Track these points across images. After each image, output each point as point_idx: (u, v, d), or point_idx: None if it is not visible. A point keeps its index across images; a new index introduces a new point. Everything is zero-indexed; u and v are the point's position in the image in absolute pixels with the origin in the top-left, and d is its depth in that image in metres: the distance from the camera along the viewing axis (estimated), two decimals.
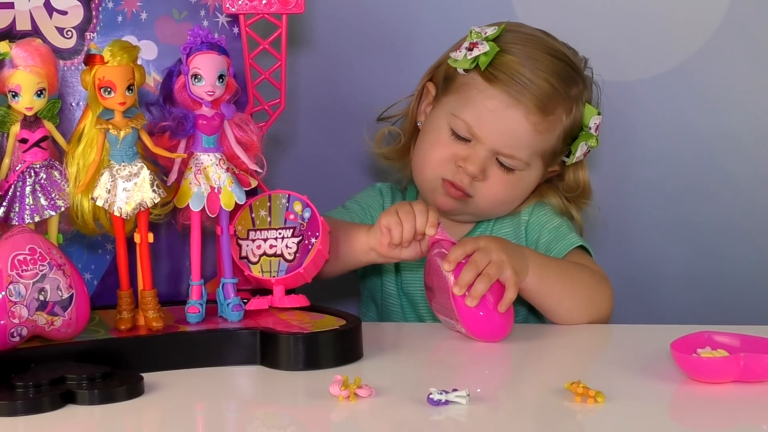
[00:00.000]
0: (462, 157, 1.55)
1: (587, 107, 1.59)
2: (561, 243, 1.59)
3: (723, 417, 1.17)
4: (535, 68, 1.54)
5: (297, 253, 1.43)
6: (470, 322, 1.40)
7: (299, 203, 1.45)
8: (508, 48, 1.56)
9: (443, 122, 1.57)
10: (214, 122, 1.38)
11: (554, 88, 1.54)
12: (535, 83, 1.53)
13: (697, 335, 1.30)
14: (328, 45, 1.82)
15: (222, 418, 1.23)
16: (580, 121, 1.59)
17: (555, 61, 1.56)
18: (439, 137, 1.58)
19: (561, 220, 1.62)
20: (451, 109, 1.57)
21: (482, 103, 1.54)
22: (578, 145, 1.59)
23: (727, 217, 1.83)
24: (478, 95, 1.55)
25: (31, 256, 1.29)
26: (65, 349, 1.31)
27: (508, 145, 1.54)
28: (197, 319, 1.39)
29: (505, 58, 1.55)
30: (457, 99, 1.57)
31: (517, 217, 1.63)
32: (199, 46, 1.37)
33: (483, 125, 1.54)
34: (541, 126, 1.54)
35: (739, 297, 1.84)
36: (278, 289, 1.44)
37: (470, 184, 1.56)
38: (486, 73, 1.54)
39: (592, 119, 1.59)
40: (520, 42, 1.57)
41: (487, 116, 1.54)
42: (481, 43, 1.55)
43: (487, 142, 1.54)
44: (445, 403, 1.19)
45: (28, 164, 1.36)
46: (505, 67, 1.54)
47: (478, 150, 1.54)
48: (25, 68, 1.34)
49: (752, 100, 1.80)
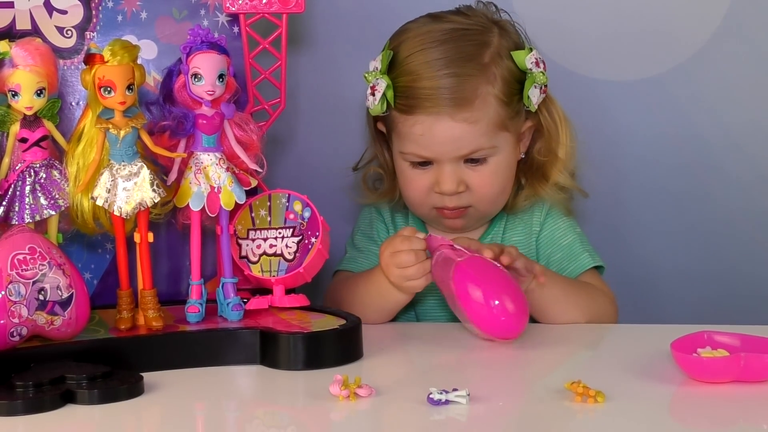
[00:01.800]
0: (435, 182, 1.54)
1: (514, 54, 1.54)
2: (574, 263, 1.58)
3: (723, 417, 1.17)
4: (432, 73, 1.51)
5: (297, 253, 1.43)
6: (480, 320, 1.38)
7: (299, 203, 1.45)
8: (400, 70, 1.53)
9: (400, 161, 1.57)
10: (214, 122, 1.38)
11: (460, 76, 1.51)
12: (439, 87, 1.50)
13: (697, 335, 1.30)
14: (328, 45, 1.82)
15: (222, 418, 1.23)
16: (516, 72, 1.54)
17: (448, 47, 1.52)
18: (406, 176, 1.57)
19: (575, 235, 1.61)
20: (398, 147, 1.57)
21: (411, 132, 1.53)
22: (529, 92, 1.54)
23: (726, 217, 1.83)
24: (404, 127, 1.54)
25: (31, 256, 1.29)
26: (65, 348, 1.31)
27: (459, 148, 1.52)
28: (197, 318, 1.39)
29: (402, 81, 1.53)
30: (395, 137, 1.57)
31: (529, 225, 1.62)
32: (199, 45, 1.37)
33: (426, 148, 1.53)
34: (473, 115, 1.51)
35: (739, 297, 1.84)
36: (278, 288, 1.44)
37: (459, 198, 1.55)
38: (398, 107, 1.53)
39: (527, 60, 1.54)
40: (409, 54, 1.53)
41: (422, 140, 1.52)
42: (377, 81, 1.54)
43: (441, 158, 1.53)
44: (445, 403, 1.18)
45: (28, 164, 1.36)
46: (407, 91, 1.52)
47: (442, 168, 1.54)
48: (25, 67, 1.34)
49: (752, 100, 1.80)
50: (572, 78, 1.79)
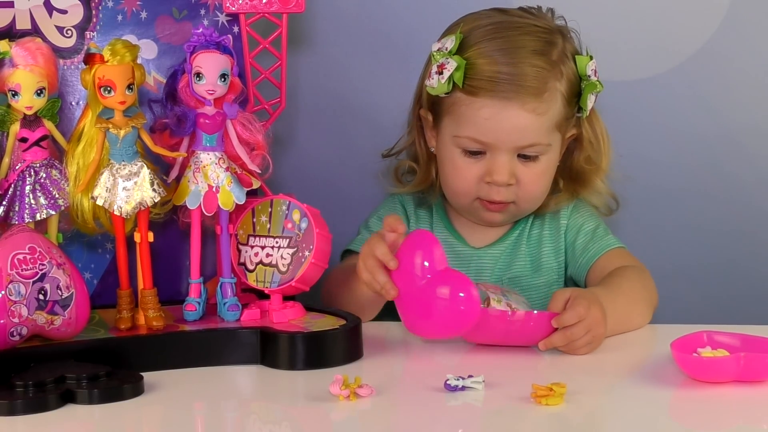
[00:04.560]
0: (486, 172, 1.54)
1: (578, 59, 1.56)
2: (598, 244, 1.59)
3: (723, 417, 1.17)
4: (509, 59, 1.52)
5: (290, 265, 1.41)
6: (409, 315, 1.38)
7: (298, 212, 1.42)
8: (475, 52, 1.53)
9: (451, 147, 1.56)
10: (215, 121, 1.38)
11: (536, 66, 1.52)
12: (515, 74, 1.51)
13: (697, 335, 1.30)
14: (328, 45, 1.82)
15: (222, 418, 1.23)
16: (577, 75, 1.56)
17: (525, 39, 1.54)
18: (455, 164, 1.56)
19: (598, 222, 1.62)
20: (451, 132, 1.55)
21: (476, 115, 1.52)
22: (587, 98, 1.56)
23: (726, 217, 1.83)
24: (469, 110, 1.53)
25: (31, 255, 1.29)
26: (65, 348, 1.31)
27: (521, 138, 1.52)
28: (194, 317, 1.39)
29: (477, 64, 1.52)
30: (452, 120, 1.55)
31: (557, 220, 1.62)
32: (202, 44, 1.37)
33: (488, 133, 1.52)
34: (541, 107, 1.52)
35: (739, 297, 1.84)
36: (275, 296, 1.42)
37: (506, 192, 1.55)
38: (466, 88, 1.52)
39: (587, 67, 1.56)
40: (483, 39, 1.54)
41: (486, 125, 1.52)
42: (447, 61, 1.53)
43: (501, 146, 1.53)
44: (462, 389, 1.21)
45: (28, 163, 1.36)
46: (481, 74, 1.52)
47: (498, 157, 1.53)
48: (25, 67, 1.34)
49: (752, 100, 1.80)
50: None
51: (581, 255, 1.59)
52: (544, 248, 1.62)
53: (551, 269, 1.61)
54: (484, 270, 1.61)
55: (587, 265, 1.58)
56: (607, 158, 1.63)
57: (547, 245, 1.61)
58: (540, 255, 1.61)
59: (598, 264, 1.58)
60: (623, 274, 1.52)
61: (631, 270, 1.53)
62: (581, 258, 1.59)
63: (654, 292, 1.53)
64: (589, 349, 1.37)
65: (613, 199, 1.67)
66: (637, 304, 1.49)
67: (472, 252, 1.61)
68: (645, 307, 1.51)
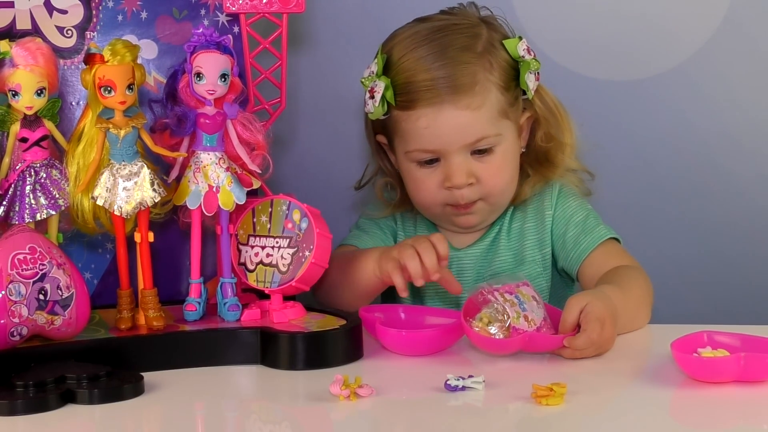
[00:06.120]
0: (445, 178, 1.54)
1: (506, 43, 1.56)
2: (590, 236, 1.58)
3: (723, 417, 1.17)
4: (431, 64, 1.52)
5: (291, 265, 1.41)
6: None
7: (298, 212, 1.42)
8: (398, 68, 1.54)
9: (407, 163, 1.57)
10: (215, 121, 1.38)
11: (461, 63, 1.52)
12: (440, 77, 1.52)
13: (697, 335, 1.30)
14: (328, 45, 1.82)
15: (222, 418, 1.23)
16: (511, 60, 1.56)
17: (447, 39, 1.54)
18: (414, 177, 1.57)
19: (587, 211, 1.61)
20: (402, 149, 1.57)
21: (416, 127, 1.53)
22: (525, 79, 1.56)
23: (727, 217, 1.83)
24: (408, 124, 1.54)
25: (32, 255, 1.29)
26: (65, 348, 1.31)
27: (465, 136, 1.53)
28: (194, 317, 1.39)
29: (400, 79, 1.54)
30: (399, 138, 1.57)
31: (541, 211, 1.61)
32: (202, 44, 1.37)
33: (432, 141, 1.53)
34: (475, 101, 1.52)
35: (739, 297, 1.84)
36: (276, 296, 1.43)
37: (470, 192, 1.55)
38: (400, 104, 1.54)
39: (518, 48, 1.55)
40: (405, 53, 1.55)
41: (427, 133, 1.53)
42: (375, 83, 1.55)
43: (449, 149, 1.53)
44: (462, 389, 1.21)
45: (28, 163, 1.36)
46: (408, 86, 1.53)
47: (451, 161, 1.54)
48: (25, 67, 1.34)
49: (752, 100, 1.81)
50: (572, 78, 1.79)
51: (573, 248, 1.58)
52: (527, 241, 1.61)
53: (535, 261, 1.60)
54: (465, 270, 1.61)
55: (580, 259, 1.57)
56: (570, 133, 1.61)
57: (530, 237, 1.61)
58: (522, 248, 1.61)
59: (591, 257, 1.57)
60: (629, 274, 1.52)
61: (634, 271, 1.53)
62: (573, 251, 1.58)
63: (652, 294, 1.53)
64: (595, 356, 1.37)
65: (587, 173, 1.66)
66: (641, 308, 1.49)
67: (453, 254, 1.59)
68: (648, 309, 1.51)
